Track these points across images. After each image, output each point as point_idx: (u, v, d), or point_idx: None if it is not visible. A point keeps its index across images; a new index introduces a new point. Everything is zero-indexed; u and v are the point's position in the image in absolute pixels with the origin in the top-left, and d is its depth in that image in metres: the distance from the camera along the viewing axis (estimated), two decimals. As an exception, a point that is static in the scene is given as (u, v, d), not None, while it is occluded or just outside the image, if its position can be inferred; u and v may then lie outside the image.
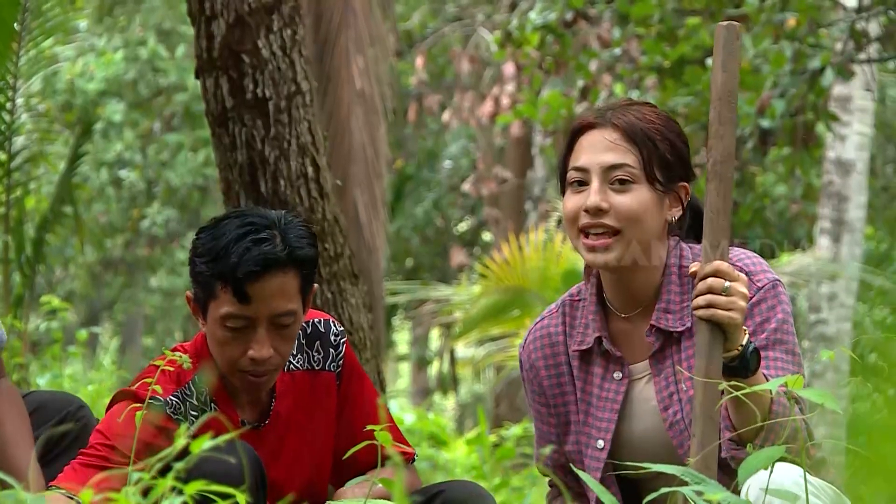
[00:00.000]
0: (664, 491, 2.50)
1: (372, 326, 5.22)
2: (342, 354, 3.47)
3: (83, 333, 12.18)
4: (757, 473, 2.73)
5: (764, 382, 2.85)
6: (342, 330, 3.50)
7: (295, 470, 3.42)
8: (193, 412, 3.33)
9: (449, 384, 25.25)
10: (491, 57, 17.50)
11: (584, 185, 3.21)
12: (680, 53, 9.18)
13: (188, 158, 19.74)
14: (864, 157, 11.44)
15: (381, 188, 10.71)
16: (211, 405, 3.34)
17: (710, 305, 2.91)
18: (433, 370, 26.60)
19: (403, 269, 22.54)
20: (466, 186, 19.04)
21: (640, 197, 3.19)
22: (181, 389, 3.34)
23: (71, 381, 11.20)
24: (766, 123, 8.72)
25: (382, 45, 10.72)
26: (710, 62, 9.14)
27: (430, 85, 19.16)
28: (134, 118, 19.94)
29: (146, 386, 3.16)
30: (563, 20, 9.66)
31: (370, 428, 2.79)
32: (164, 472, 2.28)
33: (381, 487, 3.25)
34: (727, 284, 2.91)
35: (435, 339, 25.97)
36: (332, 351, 3.47)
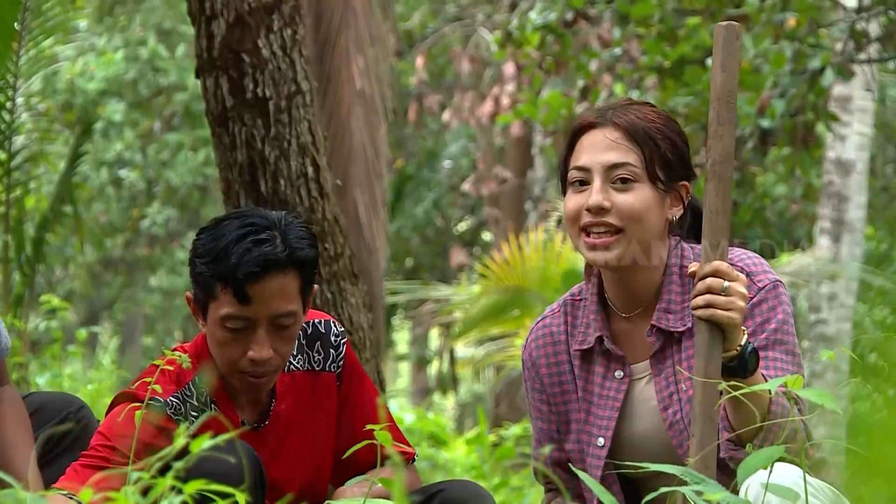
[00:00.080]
0: (663, 491, 2.50)
1: (372, 326, 5.22)
2: (342, 355, 3.47)
3: (83, 333, 12.17)
4: (756, 473, 2.73)
5: (763, 383, 2.85)
6: (342, 330, 3.50)
7: (295, 470, 3.42)
8: (194, 413, 3.33)
9: (449, 384, 25.24)
10: (491, 57, 17.49)
11: (585, 184, 3.21)
12: (680, 53, 9.17)
13: (188, 158, 19.73)
14: (864, 157, 11.43)
15: (381, 188, 10.70)
16: (211, 406, 3.34)
17: (708, 305, 2.91)
18: (433, 370, 26.59)
19: (403, 268, 22.54)
20: (466, 186, 19.04)
21: (641, 196, 3.19)
22: (181, 390, 3.34)
23: (70, 380, 11.20)
24: (766, 123, 8.72)
25: (383, 44, 10.71)
26: (710, 62, 9.14)
27: (430, 85, 19.16)
28: (134, 118, 19.93)
29: (146, 387, 3.16)
30: (563, 20, 9.66)
31: (370, 428, 2.79)
32: (164, 472, 2.28)
33: (380, 487, 3.25)
34: (726, 284, 2.91)
35: (435, 338, 25.96)
36: (332, 351, 3.46)
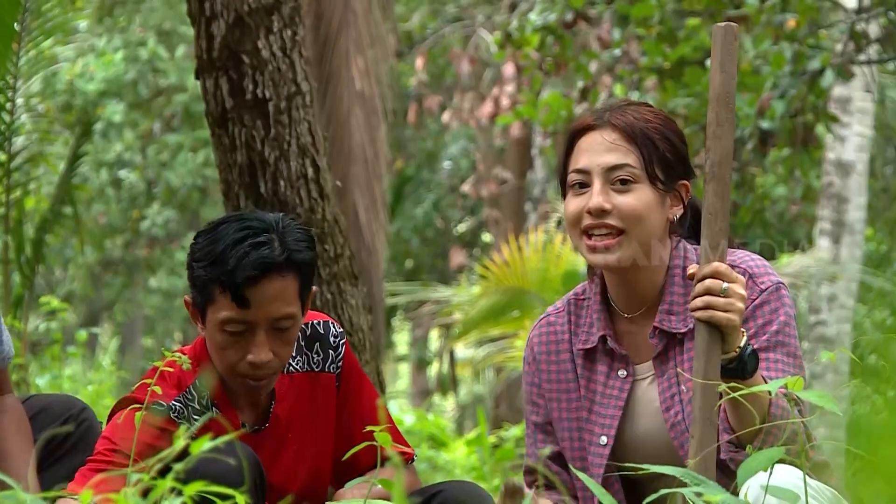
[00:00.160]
0: (664, 492, 2.49)
1: (372, 327, 5.22)
2: (342, 356, 3.47)
3: (83, 334, 12.17)
4: (757, 475, 2.73)
5: (763, 384, 2.84)
6: (342, 331, 3.50)
7: (295, 471, 3.42)
8: (196, 416, 3.32)
9: (448, 385, 25.23)
10: (491, 58, 17.49)
11: (585, 186, 3.21)
12: (680, 54, 9.17)
13: (188, 159, 19.72)
14: (863, 158, 11.43)
15: (380, 189, 10.70)
16: (213, 408, 3.34)
17: (707, 307, 2.90)
18: (433, 371, 26.58)
19: (403, 270, 22.53)
20: (466, 187, 19.04)
21: (642, 196, 3.18)
22: (183, 394, 3.34)
23: (70, 381, 11.20)
24: (765, 124, 8.71)
25: (382, 45, 10.72)
26: (709, 63, 9.13)
27: (429, 86, 19.15)
28: (134, 119, 19.92)
29: (149, 390, 3.15)
30: (562, 21, 9.66)
31: (370, 429, 2.78)
32: (166, 474, 2.28)
33: (380, 488, 3.25)
34: (725, 286, 2.91)
35: (434, 340, 25.95)
36: (331, 352, 3.46)
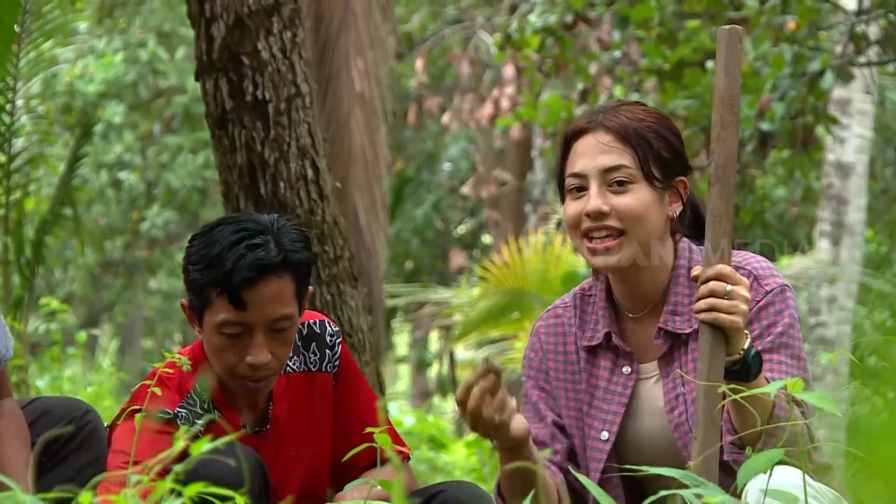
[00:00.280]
0: (663, 494, 2.49)
1: (371, 329, 5.22)
2: (338, 354, 3.46)
3: (82, 335, 12.16)
4: (759, 477, 2.73)
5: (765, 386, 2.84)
6: (337, 330, 3.49)
7: (295, 471, 3.42)
8: (200, 421, 3.31)
9: (448, 387, 25.22)
10: (491, 59, 17.50)
11: (583, 190, 3.21)
12: (680, 56, 9.17)
13: (188, 160, 19.72)
14: (863, 159, 11.44)
15: (380, 190, 10.70)
16: (215, 411, 3.33)
17: (711, 309, 2.90)
18: (433, 372, 26.58)
19: (403, 271, 22.53)
20: (466, 189, 19.05)
21: (639, 196, 3.18)
22: (185, 399, 3.33)
23: (70, 383, 11.19)
24: (765, 126, 8.71)
25: (382, 47, 10.72)
26: (710, 65, 9.13)
27: (429, 87, 19.16)
28: (134, 120, 19.93)
29: (152, 399, 3.14)
30: (562, 23, 9.66)
31: (369, 430, 2.78)
32: (175, 479, 2.26)
33: (379, 489, 3.25)
34: (729, 288, 2.90)
35: (434, 341, 25.96)
36: (328, 352, 3.46)
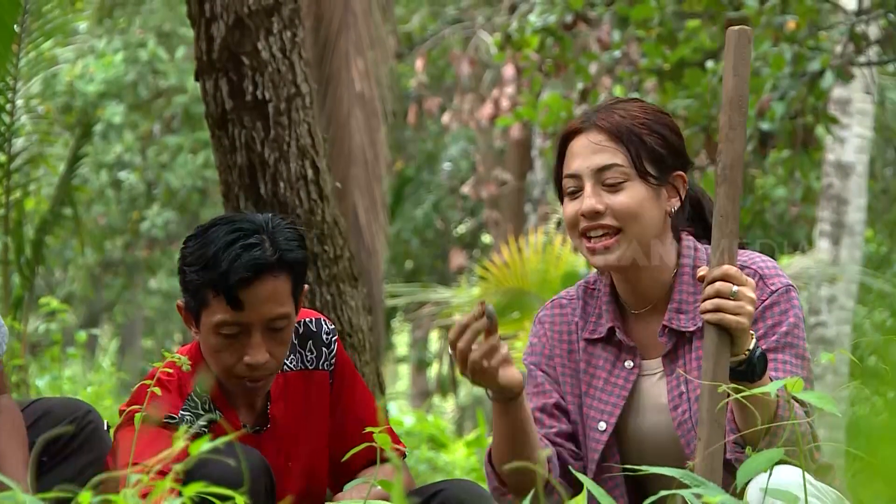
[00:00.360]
0: (663, 494, 2.49)
1: (371, 329, 5.21)
2: (334, 353, 3.47)
3: (82, 335, 12.16)
4: (760, 476, 2.73)
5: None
6: (333, 328, 3.49)
7: (293, 471, 3.42)
8: (202, 423, 3.31)
9: (448, 386, 25.22)
10: (491, 59, 17.50)
11: (579, 190, 3.21)
12: (680, 56, 9.17)
13: (188, 160, 19.72)
14: (863, 159, 11.44)
15: (380, 190, 10.70)
16: (216, 412, 3.33)
17: (717, 309, 2.91)
18: (433, 372, 26.58)
19: (403, 271, 22.53)
20: (466, 189, 19.05)
21: (634, 194, 3.18)
22: (186, 402, 3.33)
23: (70, 383, 11.19)
24: (765, 126, 8.71)
25: (382, 47, 10.72)
26: (710, 65, 9.14)
27: (429, 87, 19.16)
28: (134, 120, 19.93)
29: (154, 403, 3.14)
30: (562, 23, 9.66)
31: (369, 430, 2.78)
32: (185, 482, 2.25)
33: (378, 488, 3.25)
34: (735, 289, 2.91)
35: (434, 341, 25.95)
36: (324, 350, 3.46)
